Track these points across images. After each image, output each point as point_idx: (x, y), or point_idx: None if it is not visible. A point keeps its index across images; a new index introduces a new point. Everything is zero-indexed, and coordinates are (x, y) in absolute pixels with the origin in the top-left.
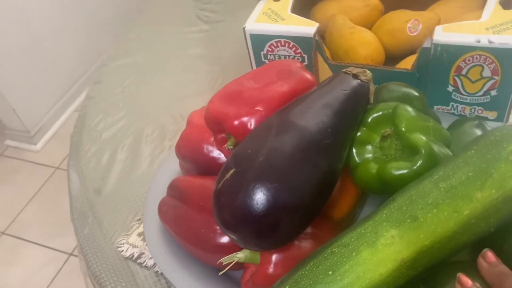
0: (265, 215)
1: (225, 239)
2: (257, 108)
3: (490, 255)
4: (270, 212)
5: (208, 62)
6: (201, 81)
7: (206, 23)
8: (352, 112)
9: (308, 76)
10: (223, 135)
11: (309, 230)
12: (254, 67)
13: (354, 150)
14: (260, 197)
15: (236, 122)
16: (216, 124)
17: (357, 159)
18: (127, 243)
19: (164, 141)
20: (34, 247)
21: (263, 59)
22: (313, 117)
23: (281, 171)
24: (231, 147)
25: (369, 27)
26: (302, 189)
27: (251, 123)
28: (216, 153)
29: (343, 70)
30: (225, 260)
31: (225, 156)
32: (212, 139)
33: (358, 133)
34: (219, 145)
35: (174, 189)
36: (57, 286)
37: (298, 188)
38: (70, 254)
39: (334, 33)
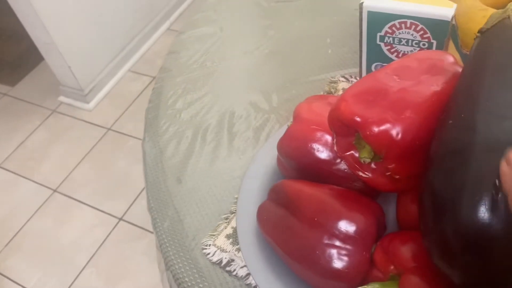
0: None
1: (341, 264)
2: (406, 114)
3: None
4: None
5: (306, 35)
6: (295, 56)
7: None
8: None
9: None
10: (350, 140)
11: None
12: (364, 49)
13: None
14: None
15: (376, 130)
16: (345, 127)
17: None
18: (214, 245)
19: (252, 124)
20: (85, 208)
21: (378, 42)
22: None
23: None
24: (368, 160)
25: (502, 8)
26: None
27: (398, 133)
28: (325, 155)
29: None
30: None
31: (347, 164)
32: (324, 138)
33: None
34: (341, 151)
35: (279, 195)
36: (107, 250)
37: None
38: (120, 219)
39: (461, 16)
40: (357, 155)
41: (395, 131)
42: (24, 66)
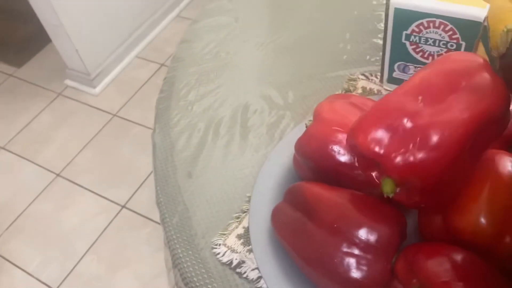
0: None
1: (360, 274)
2: (433, 147)
3: None
4: None
5: (324, 29)
6: (312, 51)
7: None
8: None
9: (500, 86)
10: (373, 162)
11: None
12: (388, 47)
13: None
14: None
15: (400, 164)
16: (365, 158)
17: None
18: (224, 245)
19: (266, 120)
20: (87, 194)
21: (403, 40)
22: None
23: None
24: (391, 194)
25: None
26: None
27: (424, 168)
28: (346, 158)
29: None
30: None
31: (369, 180)
32: (345, 140)
33: None
34: (363, 170)
35: (297, 197)
36: (108, 237)
37: None
38: (123, 207)
39: (490, 17)
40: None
41: (421, 167)
42: (31, 48)
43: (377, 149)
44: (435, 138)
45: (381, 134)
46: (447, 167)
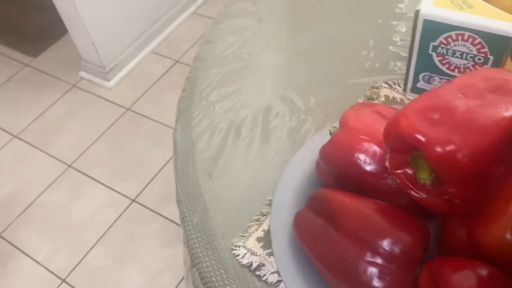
0: None
1: (382, 284)
2: (473, 137)
3: None
4: None
5: (347, 35)
6: (335, 56)
7: None
8: None
9: None
10: (405, 157)
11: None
12: (414, 57)
13: None
14: None
15: (441, 150)
16: (402, 144)
17: None
18: (244, 247)
19: (287, 124)
20: (98, 186)
21: (430, 51)
22: None
23: None
24: (429, 181)
25: None
26: None
27: (464, 156)
28: (372, 167)
29: None
30: None
31: (398, 182)
32: (372, 149)
33: None
34: (394, 168)
35: (320, 204)
36: (117, 230)
37: None
38: (133, 201)
39: None
40: (410, 172)
41: (461, 154)
42: (47, 38)
43: (419, 135)
44: (476, 127)
45: (424, 121)
46: (486, 159)
